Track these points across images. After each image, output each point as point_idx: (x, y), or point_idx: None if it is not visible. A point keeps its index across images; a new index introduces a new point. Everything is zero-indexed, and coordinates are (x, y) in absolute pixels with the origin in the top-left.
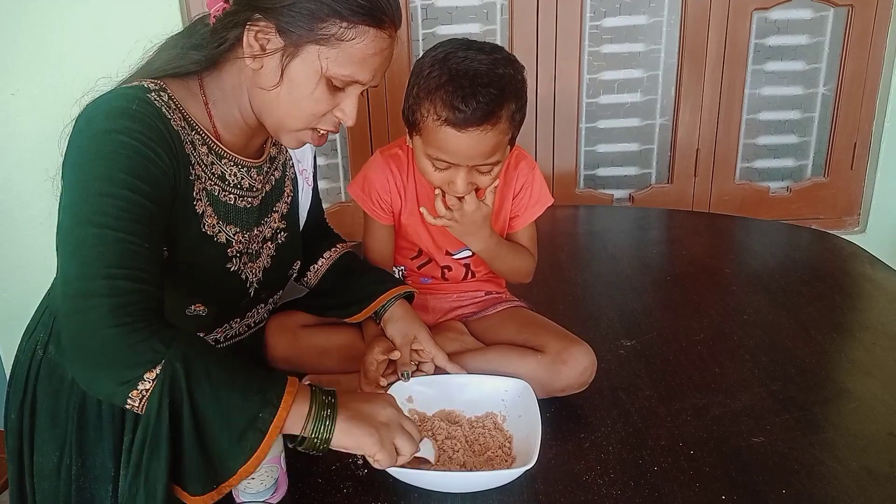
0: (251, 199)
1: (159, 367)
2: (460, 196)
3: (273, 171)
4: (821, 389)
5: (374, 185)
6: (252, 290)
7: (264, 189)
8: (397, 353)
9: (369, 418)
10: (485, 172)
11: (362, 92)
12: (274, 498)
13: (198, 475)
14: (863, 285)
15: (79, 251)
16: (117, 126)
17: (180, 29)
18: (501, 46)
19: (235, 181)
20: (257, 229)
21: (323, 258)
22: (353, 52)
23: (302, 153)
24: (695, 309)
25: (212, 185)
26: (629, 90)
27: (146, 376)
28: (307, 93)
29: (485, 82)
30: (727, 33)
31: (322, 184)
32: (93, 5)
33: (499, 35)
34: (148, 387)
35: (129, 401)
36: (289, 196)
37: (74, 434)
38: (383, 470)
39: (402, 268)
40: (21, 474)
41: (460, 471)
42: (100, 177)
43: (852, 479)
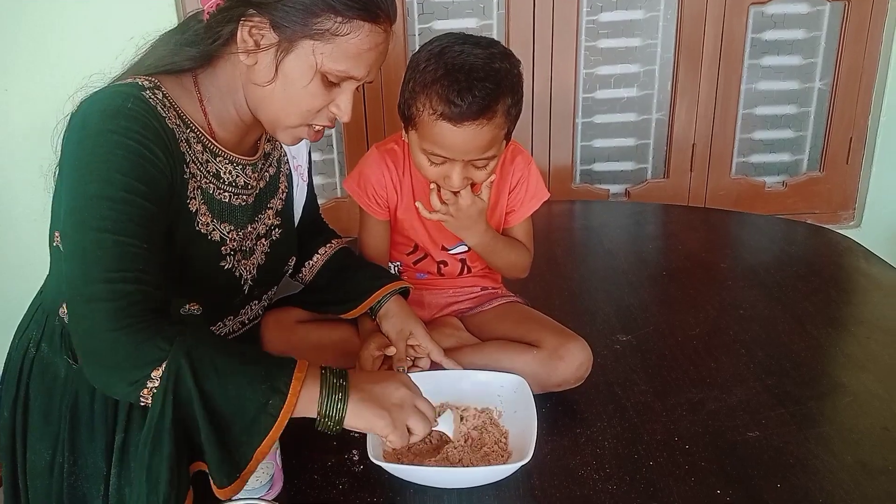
0: (246, 197)
1: (164, 365)
2: (456, 191)
3: (267, 167)
4: (816, 384)
5: (370, 181)
6: (246, 288)
7: (259, 186)
8: (393, 348)
9: (381, 399)
10: (480, 167)
11: (358, 87)
12: (269, 494)
13: (221, 467)
14: (858, 280)
15: (79, 255)
16: (113, 126)
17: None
18: (498, 41)
19: (230, 179)
20: (251, 226)
21: (318, 254)
22: (348, 47)
23: (297, 149)
24: (690, 304)
25: (207, 183)
26: (625, 85)
27: (153, 374)
28: (302, 88)
29: (481, 77)
30: (724, 28)
31: (317, 179)
32: (92, 5)
33: (495, 30)
34: (157, 384)
35: (143, 399)
36: (283, 192)
37: (67, 432)
38: (379, 466)
39: (398, 263)
40: (14, 472)
41: (456, 466)
42: (97, 179)
43: (847, 473)
